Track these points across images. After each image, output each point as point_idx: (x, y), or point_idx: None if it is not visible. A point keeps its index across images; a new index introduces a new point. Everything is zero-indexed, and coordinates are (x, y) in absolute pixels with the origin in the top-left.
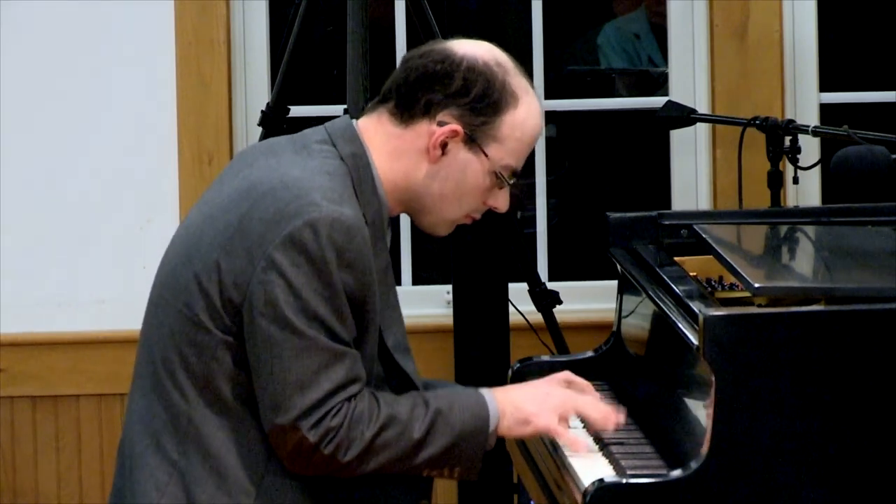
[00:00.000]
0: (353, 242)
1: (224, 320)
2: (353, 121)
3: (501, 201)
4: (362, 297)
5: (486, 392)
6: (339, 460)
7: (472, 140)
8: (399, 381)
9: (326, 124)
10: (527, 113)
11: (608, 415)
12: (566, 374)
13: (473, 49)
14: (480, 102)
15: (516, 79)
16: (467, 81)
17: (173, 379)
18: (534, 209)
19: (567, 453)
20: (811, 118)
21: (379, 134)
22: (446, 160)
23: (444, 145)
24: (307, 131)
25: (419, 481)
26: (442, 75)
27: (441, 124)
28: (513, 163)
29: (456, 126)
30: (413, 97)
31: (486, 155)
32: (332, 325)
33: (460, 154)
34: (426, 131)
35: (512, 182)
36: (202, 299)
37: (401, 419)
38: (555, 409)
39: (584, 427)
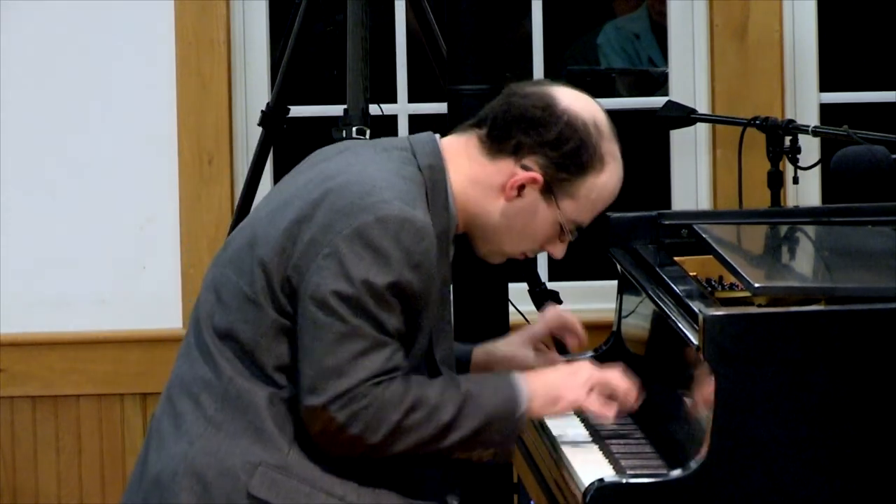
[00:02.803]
0: (421, 244)
1: (280, 301)
2: (438, 136)
3: (559, 250)
4: (424, 298)
5: (516, 375)
6: (367, 442)
7: (550, 192)
8: None
9: (410, 136)
10: (608, 179)
11: (632, 388)
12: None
13: (578, 104)
14: (569, 159)
15: (609, 144)
16: (562, 135)
17: (220, 349)
18: None
19: (567, 453)
20: (811, 118)
21: (463, 156)
22: (519, 201)
23: (521, 187)
24: (388, 138)
25: (451, 468)
26: (540, 122)
27: (525, 168)
28: (581, 219)
29: (538, 175)
30: (507, 134)
31: (559, 208)
32: (379, 317)
33: (534, 199)
34: (509, 171)
35: (575, 236)
36: (263, 279)
37: (430, 401)
38: (583, 383)
39: (583, 423)
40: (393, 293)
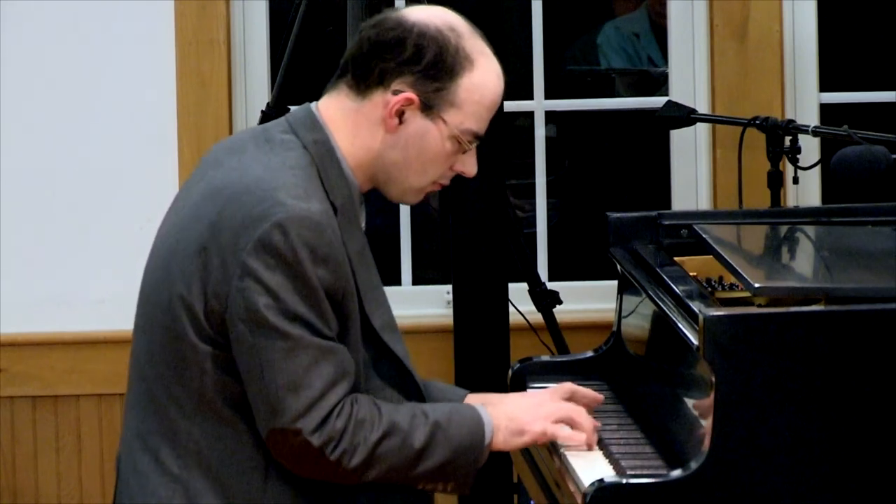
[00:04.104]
0: (323, 237)
1: (208, 332)
2: (314, 105)
3: (469, 165)
4: (341, 290)
5: (480, 407)
6: (345, 466)
7: (429, 107)
8: (389, 364)
9: (288, 114)
10: (483, 75)
11: (592, 430)
12: (569, 385)
13: (426, 15)
14: (433, 69)
15: (471, 41)
16: (419, 48)
17: (169, 393)
18: (534, 209)
19: (567, 453)
20: (811, 118)
21: (339, 111)
22: (404, 129)
23: (400, 114)
24: (270, 124)
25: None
26: (394, 43)
27: (396, 93)
28: (473, 126)
29: (410, 94)
30: (367, 68)
31: (444, 121)
32: (314, 323)
33: (418, 122)
34: (382, 101)
35: (475, 145)
36: (185, 313)
37: (402, 428)
38: (546, 416)
39: None
40: (314, 292)
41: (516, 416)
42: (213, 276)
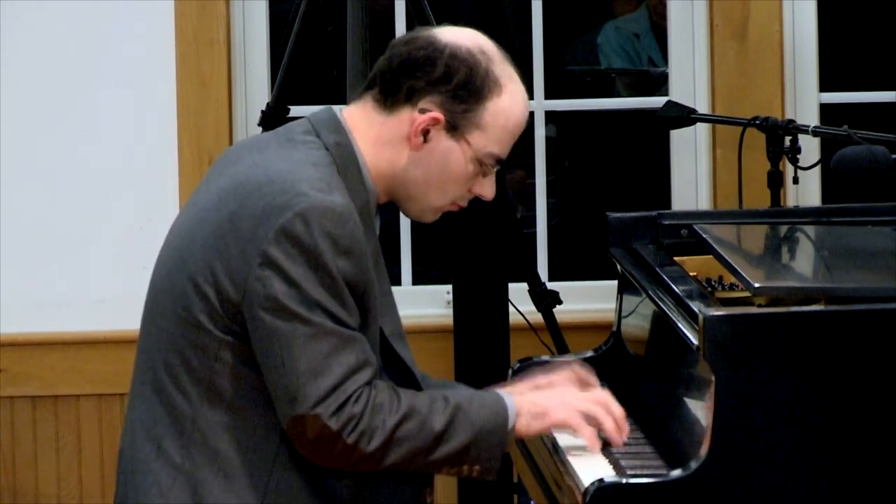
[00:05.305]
0: (345, 229)
1: (224, 320)
2: (338, 109)
3: (487, 189)
4: (363, 282)
5: (503, 391)
6: (363, 450)
7: (454, 127)
8: (397, 370)
9: (309, 115)
10: (511, 101)
11: (621, 422)
12: (577, 371)
13: (458, 36)
14: (462, 90)
15: (500, 66)
16: (450, 68)
17: (176, 382)
18: (534, 209)
19: (567, 453)
20: (811, 118)
21: (364, 121)
22: (428, 147)
23: (425, 133)
24: (291, 124)
25: (421, 474)
26: (424, 62)
27: (423, 111)
28: (496, 150)
29: (437, 114)
30: (396, 84)
31: (469, 142)
32: (335, 311)
33: (442, 141)
34: (408, 118)
35: (496, 169)
36: (200, 301)
37: (421, 411)
38: (572, 406)
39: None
40: (335, 282)
41: (540, 401)
42: (232, 264)
